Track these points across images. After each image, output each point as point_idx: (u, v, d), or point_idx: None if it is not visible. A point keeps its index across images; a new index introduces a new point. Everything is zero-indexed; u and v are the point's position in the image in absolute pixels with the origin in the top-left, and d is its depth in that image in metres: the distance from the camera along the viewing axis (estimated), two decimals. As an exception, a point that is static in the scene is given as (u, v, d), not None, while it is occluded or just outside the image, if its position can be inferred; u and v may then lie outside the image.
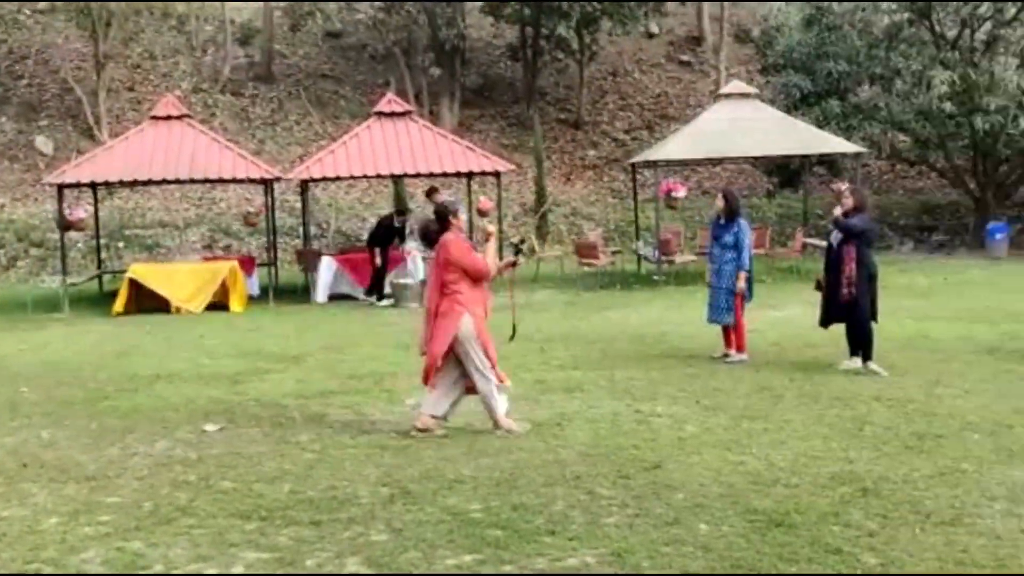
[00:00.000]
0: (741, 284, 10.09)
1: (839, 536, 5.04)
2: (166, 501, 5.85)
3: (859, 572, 4.59)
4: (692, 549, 4.90)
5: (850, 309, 9.32)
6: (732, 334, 10.22)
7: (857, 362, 9.41)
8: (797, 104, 21.28)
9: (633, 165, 20.54)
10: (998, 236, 21.10)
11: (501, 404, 7.34)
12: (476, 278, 7.31)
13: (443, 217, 7.47)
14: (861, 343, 9.40)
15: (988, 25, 21.39)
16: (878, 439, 6.92)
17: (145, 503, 5.82)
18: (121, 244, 22.26)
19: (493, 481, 6.08)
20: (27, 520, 5.54)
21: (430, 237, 7.57)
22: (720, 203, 10.35)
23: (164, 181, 17.09)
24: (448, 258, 7.26)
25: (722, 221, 10.29)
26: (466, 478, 6.15)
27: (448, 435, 7.22)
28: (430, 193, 16.39)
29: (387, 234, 16.76)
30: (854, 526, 5.18)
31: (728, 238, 10.16)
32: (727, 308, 10.17)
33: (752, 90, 19.76)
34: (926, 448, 6.66)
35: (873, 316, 9.46)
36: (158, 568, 4.80)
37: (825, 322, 9.71)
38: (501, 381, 7.37)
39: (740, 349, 10.17)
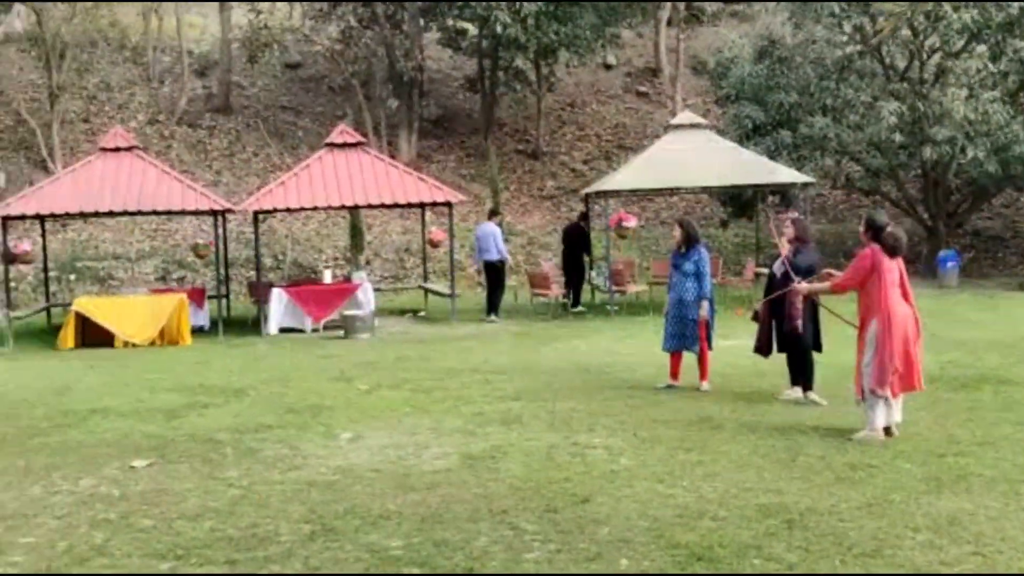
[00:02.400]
0: (703, 312, 10.11)
1: (759, 569, 5.00)
2: (82, 540, 5.72)
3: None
4: (610, 585, 4.84)
5: (793, 338, 9.34)
6: (698, 363, 10.25)
7: (798, 392, 9.43)
8: (750, 134, 21.46)
9: (587, 195, 20.61)
10: (949, 265, 21.32)
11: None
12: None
13: None
14: (802, 372, 9.43)
15: (937, 57, 21.71)
16: (811, 469, 6.91)
17: (60, 543, 5.68)
18: (73, 276, 21.99)
19: (418, 516, 5.99)
20: (-68, 563, 5.39)
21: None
22: (677, 232, 10.41)
23: (111, 213, 16.92)
24: None
25: (682, 250, 10.32)
26: (392, 513, 6.07)
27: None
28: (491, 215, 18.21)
29: (575, 242, 18.10)
30: (775, 559, 5.15)
31: (688, 266, 10.17)
32: (693, 337, 10.16)
33: (703, 120, 19.92)
34: (857, 478, 6.65)
35: (816, 346, 9.49)
36: (61, 612, 4.68)
37: (763, 350, 9.69)
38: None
39: (704, 378, 10.20)
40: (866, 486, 6.46)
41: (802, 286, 8.88)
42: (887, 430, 7.78)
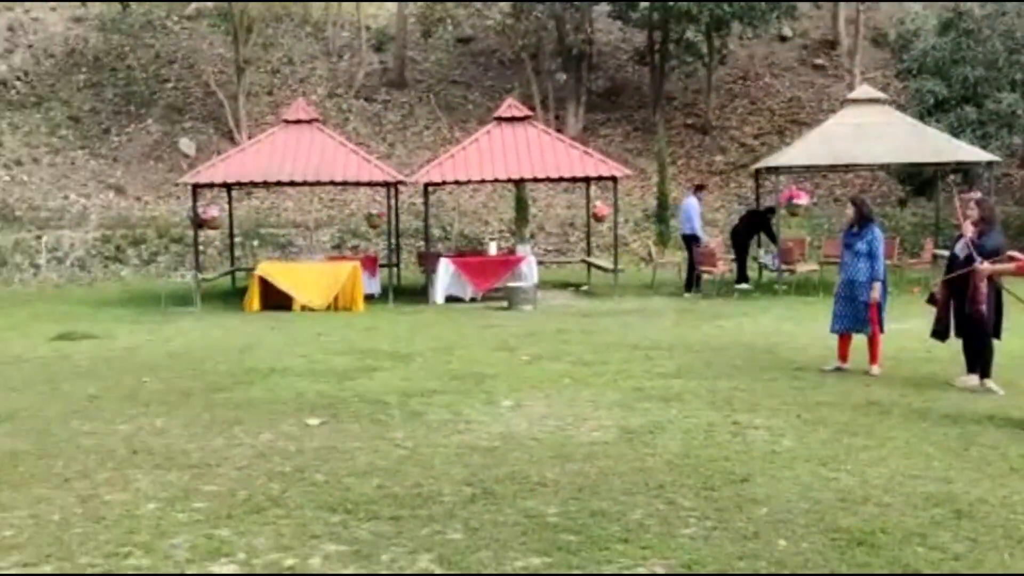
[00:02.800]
0: (875, 294, 9.85)
1: (922, 558, 4.88)
2: (260, 491, 6.08)
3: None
4: (766, 564, 4.83)
5: (974, 322, 8.94)
6: (868, 346, 10.00)
7: (974, 379, 9.05)
8: (931, 110, 20.56)
9: (757, 171, 20.19)
10: None
11: None
12: None
13: None
14: (980, 359, 9.04)
15: None
16: (983, 460, 6.66)
17: (240, 492, 6.07)
18: (256, 243, 23.12)
19: (575, 486, 6.10)
20: (127, 504, 5.85)
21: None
22: (850, 211, 10.13)
23: (292, 183, 17.68)
24: None
25: (854, 229, 10.05)
26: (549, 481, 6.20)
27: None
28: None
29: (749, 229, 18.15)
30: (940, 548, 5.01)
31: (861, 246, 9.90)
32: (864, 319, 9.92)
33: (882, 95, 19.17)
34: (1033, 471, 6.38)
35: (996, 333, 9.06)
36: (240, 556, 5.01)
37: (941, 335, 9.33)
38: None
39: (875, 361, 9.92)
40: (1043, 480, 6.19)
41: (985, 266, 8.52)
42: None
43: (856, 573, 4.73)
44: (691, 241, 17.69)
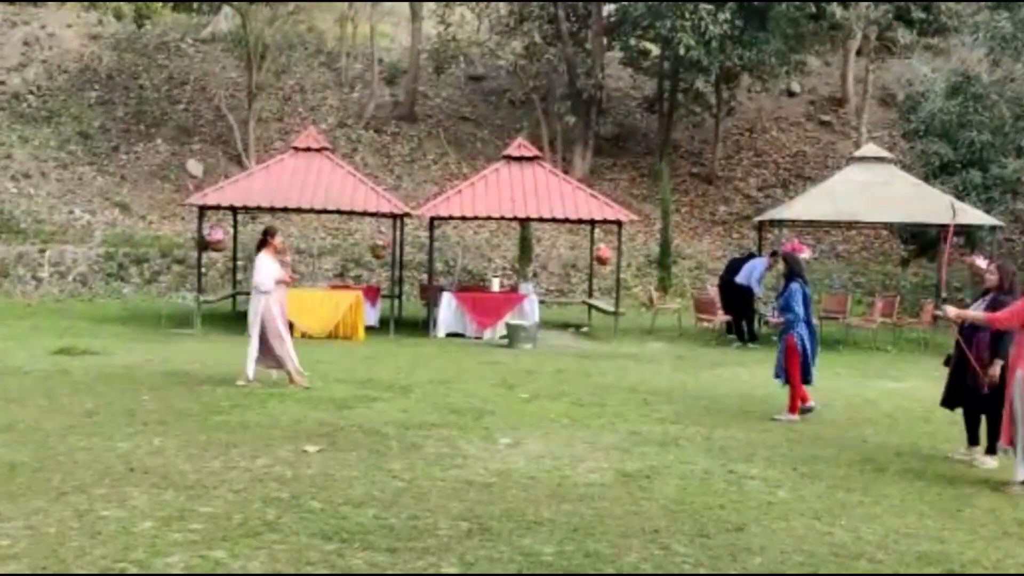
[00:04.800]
0: (790, 344, 10.29)
1: (915, 617, 4.90)
2: (256, 515, 6.09)
3: None
4: (759, 614, 4.84)
5: (981, 397, 8.44)
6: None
7: (992, 462, 8.39)
8: (936, 172, 20.74)
9: (761, 223, 20.32)
10: None
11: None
12: None
13: None
14: (990, 433, 8.49)
15: None
16: (977, 522, 6.67)
17: (235, 515, 6.07)
18: (256, 267, 23.15)
19: (571, 526, 6.11)
20: (123, 521, 5.85)
21: None
22: (781, 265, 10.48)
23: (299, 209, 17.78)
24: None
25: (782, 283, 10.58)
26: (545, 520, 6.21)
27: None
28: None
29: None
30: (933, 608, 5.03)
31: (780, 300, 10.55)
32: (781, 367, 10.40)
33: (887, 154, 19.36)
34: (1027, 536, 6.39)
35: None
36: (236, 578, 5.02)
37: (950, 403, 8.93)
38: None
39: (791, 411, 10.25)
40: (1037, 545, 6.20)
41: (950, 309, 8.42)
42: None
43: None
44: (742, 292, 17.62)
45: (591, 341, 17.26)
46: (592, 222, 18.77)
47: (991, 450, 8.49)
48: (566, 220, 18.05)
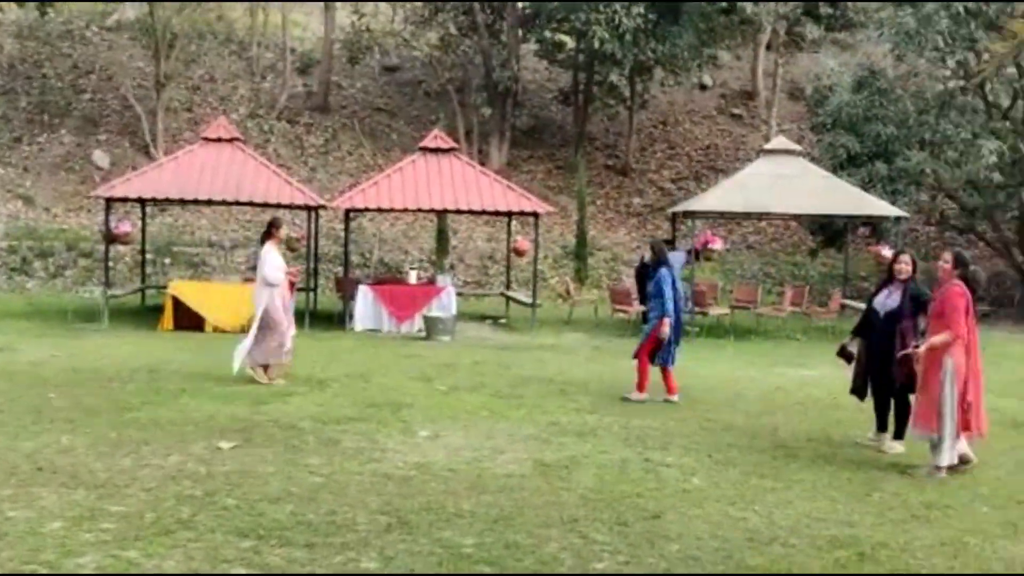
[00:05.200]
0: (664, 330, 10.48)
1: (827, 598, 5.02)
2: (169, 513, 5.96)
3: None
4: (677, 600, 4.91)
5: (894, 386, 8.64)
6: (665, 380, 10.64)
7: (899, 447, 8.61)
8: (844, 164, 21.22)
9: (675, 215, 20.59)
10: (1042, 311, 20.77)
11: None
12: None
13: None
14: (899, 421, 8.69)
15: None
16: (885, 505, 6.87)
17: (148, 514, 5.94)
18: (168, 260, 22.69)
19: (491, 518, 6.12)
20: (32, 522, 5.68)
21: None
22: (648, 253, 10.75)
23: (209, 201, 17.44)
24: None
25: (651, 271, 10.82)
26: (465, 512, 6.21)
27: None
28: None
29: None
30: (844, 590, 5.16)
31: (651, 287, 10.74)
32: (641, 345, 10.72)
33: (797, 147, 19.78)
34: (932, 518, 6.60)
35: (912, 389, 8.54)
36: (149, 578, 4.91)
37: (859, 392, 9.05)
38: None
39: (639, 389, 10.57)
40: (941, 526, 6.40)
41: (921, 349, 7.97)
42: (954, 466, 7.72)
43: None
44: None
45: (509, 333, 17.30)
46: (509, 214, 18.81)
47: (899, 435, 8.71)
48: (483, 212, 18.05)
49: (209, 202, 17.52)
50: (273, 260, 11.07)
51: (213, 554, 5.27)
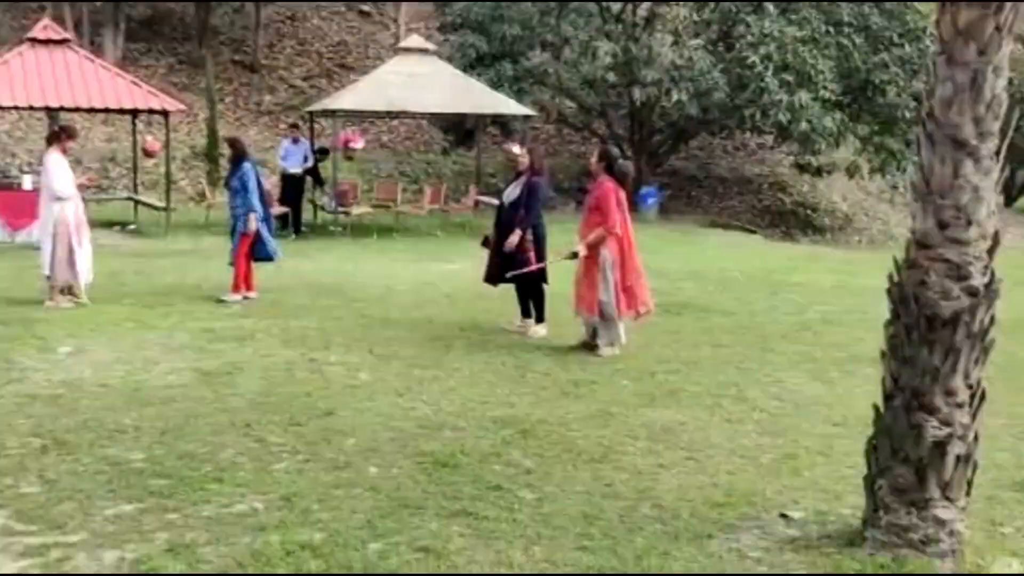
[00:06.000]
0: (252, 225, 10.58)
1: (500, 474, 5.33)
2: None
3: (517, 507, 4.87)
4: (361, 491, 5.01)
5: (525, 276, 9.22)
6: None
7: (542, 330, 9.21)
8: (474, 64, 21.78)
9: (311, 113, 20.26)
10: (650, 201, 22.81)
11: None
12: None
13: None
14: (537, 307, 9.36)
15: (648, 3, 22.94)
16: (538, 385, 7.36)
17: None
18: None
19: (157, 430, 5.88)
20: None
21: None
22: (229, 151, 11.10)
23: None
24: None
25: (232, 166, 10.88)
26: (128, 427, 5.91)
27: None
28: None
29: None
30: (513, 465, 5.50)
31: (234, 183, 10.72)
32: (234, 248, 10.73)
33: (431, 47, 20.04)
34: (581, 393, 7.17)
35: (545, 279, 9.42)
36: None
37: (494, 280, 9.59)
38: None
39: (234, 289, 10.60)
40: (589, 400, 6.98)
41: (581, 247, 8.55)
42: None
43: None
44: (297, 183, 17.55)
45: (142, 239, 16.36)
46: (135, 112, 17.58)
47: (539, 319, 9.34)
48: (106, 110, 16.74)
49: None
50: (61, 169, 9.93)
51: None
